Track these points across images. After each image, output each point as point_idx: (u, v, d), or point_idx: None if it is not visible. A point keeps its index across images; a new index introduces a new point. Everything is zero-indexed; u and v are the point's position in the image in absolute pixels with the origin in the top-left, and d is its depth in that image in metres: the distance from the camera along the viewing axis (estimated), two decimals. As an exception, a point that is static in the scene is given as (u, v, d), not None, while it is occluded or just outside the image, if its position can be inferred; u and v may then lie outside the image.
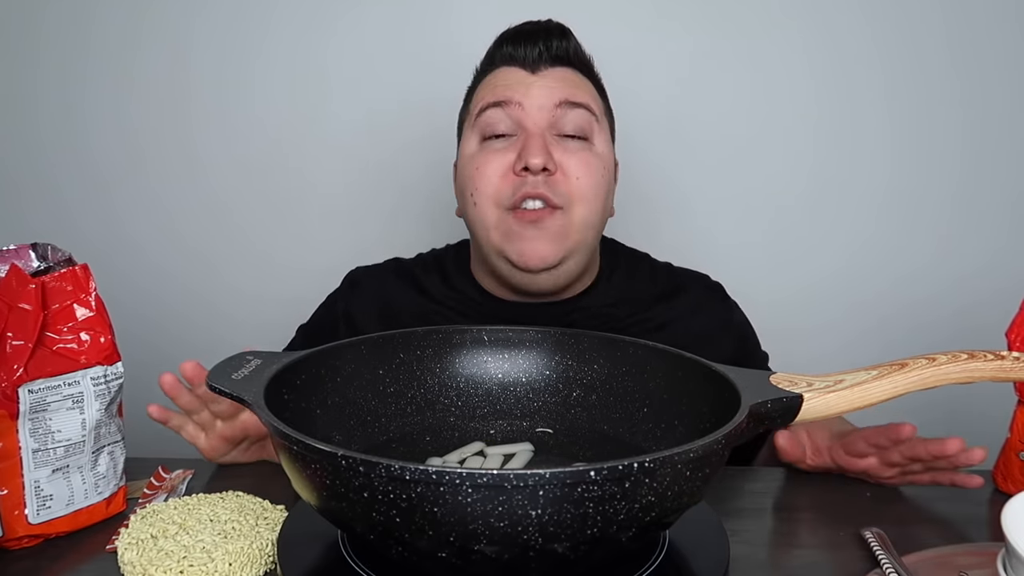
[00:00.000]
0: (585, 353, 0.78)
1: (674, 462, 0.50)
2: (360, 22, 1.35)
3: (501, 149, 0.89)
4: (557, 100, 0.88)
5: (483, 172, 0.88)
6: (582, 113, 0.89)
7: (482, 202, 0.89)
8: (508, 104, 0.88)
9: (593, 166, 0.89)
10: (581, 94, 0.90)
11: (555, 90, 0.89)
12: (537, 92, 0.88)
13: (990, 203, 1.35)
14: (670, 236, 1.36)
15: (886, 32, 1.31)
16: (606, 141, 0.92)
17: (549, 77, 0.90)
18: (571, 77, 0.91)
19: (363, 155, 1.39)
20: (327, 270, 1.10)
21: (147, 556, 0.62)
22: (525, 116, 0.88)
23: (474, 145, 0.91)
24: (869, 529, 0.69)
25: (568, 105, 0.88)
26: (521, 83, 0.89)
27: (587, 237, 0.90)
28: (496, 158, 0.88)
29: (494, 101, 0.89)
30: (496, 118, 0.89)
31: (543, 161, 0.85)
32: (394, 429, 0.76)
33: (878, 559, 0.63)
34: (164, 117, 1.40)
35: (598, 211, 0.90)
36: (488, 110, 0.89)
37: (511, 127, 0.89)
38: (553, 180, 0.87)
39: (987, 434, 0.89)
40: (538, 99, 0.88)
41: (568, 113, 0.88)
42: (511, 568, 0.52)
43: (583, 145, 0.89)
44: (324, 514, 0.57)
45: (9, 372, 0.66)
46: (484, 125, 0.90)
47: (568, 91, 0.89)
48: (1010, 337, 0.78)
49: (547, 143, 0.87)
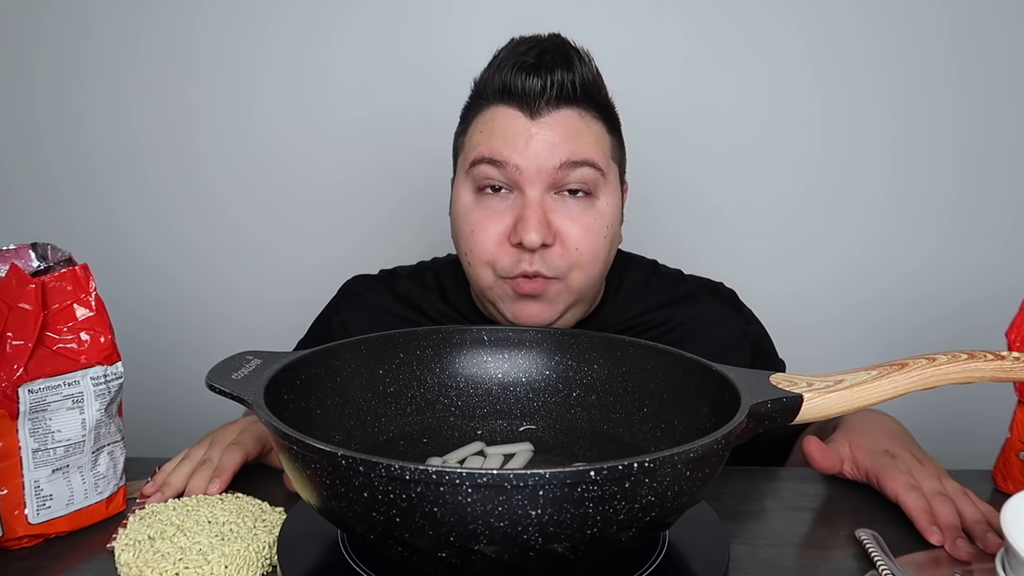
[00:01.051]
0: (585, 353, 0.78)
1: (674, 462, 0.50)
2: (358, 23, 1.35)
3: (497, 211, 0.83)
4: (558, 161, 0.81)
5: (478, 238, 0.83)
6: (585, 172, 0.82)
7: (477, 265, 0.85)
8: (504, 165, 0.81)
9: (594, 230, 0.83)
10: (585, 148, 0.82)
11: (556, 147, 0.81)
12: (537, 149, 0.80)
13: (991, 203, 1.35)
14: (671, 236, 1.36)
15: (888, 31, 1.31)
16: (612, 191, 0.86)
17: (550, 126, 0.81)
18: (575, 123, 0.82)
19: (363, 156, 1.39)
20: (326, 270, 1.10)
21: (143, 557, 0.62)
22: (523, 179, 0.81)
23: (468, 197, 0.85)
24: (864, 530, 0.68)
25: (569, 166, 0.81)
26: (519, 136, 0.81)
27: (585, 295, 0.86)
28: (492, 223, 0.83)
29: (489, 157, 0.82)
30: (489, 174, 0.82)
31: (541, 238, 0.80)
32: (394, 429, 0.76)
33: (873, 560, 0.63)
34: (164, 117, 1.40)
35: (598, 272, 0.86)
36: (482, 165, 0.82)
37: (507, 182, 0.82)
38: (550, 254, 0.82)
39: (987, 434, 0.89)
40: (537, 159, 0.80)
41: (569, 175, 0.81)
42: (511, 568, 0.52)
43: (585, 205, 0.83)
44: (324, 514, 0.57)
45: (9, 372, 0.66)
46: (478, 178, 0.83)
47: (571, 147, 0.81)
48: (1010, 337, 0.78)
49: (546, 210, 0.81)
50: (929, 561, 0.65)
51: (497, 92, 0.83)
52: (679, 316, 0.96)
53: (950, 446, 1.34)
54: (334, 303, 1.03)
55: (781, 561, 0.66)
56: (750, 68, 1.33)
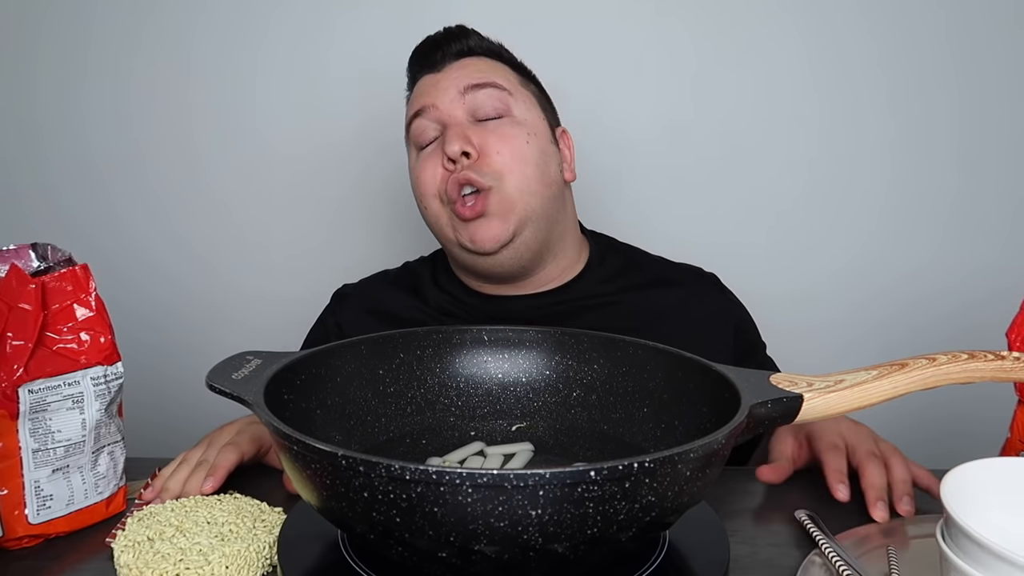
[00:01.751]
0: (585, 353, 0.78)
1: (674, 462, 0.50)
2: (359, 23, 1.35)
3: (432, 152, 0.93)
4: (462, 86, 0.92)
5: (421, 179, 0.93)
6: (491, 92, 0.92)
7: (426, 202, 0.94)
8: (425, 109, 0.93)
9: (513, 136, 0.91)
10: (486, 74, 0.93)
11: (459, 78, 0.92)
12: (444, 86, 0.92)
13: (990, 203, 1.35)
14: (670, 236, 1.36)
15: (886, 31, 1.31)
16: (528, 108, 0.94)
17: (453, 70, 0.94)
18: (474, 63, 0.95)
19: (363, 155, 1.39)
20: (327, 271, 1.10)
21: (143, 559, 0.62)
22: (441, 113, 0.92)
23: (413, 157, 0.96)
24: (802, 511, 0.71)
25: (474, 88, 0.92)
26: (431, 85, 0.94)
27: (532, 204, 0.91)
28: (428, 161, 0.93)
29: (414, 111, 0.94)
30: (422, 126, 0.93)
31: (460, 147, 0.88)
32: (394, 429, 0.75)
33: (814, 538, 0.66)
34: (164, 117, 1.40)
35: (532, 176, 0.91)
36: (414, 121, 0.94)
37: (436, 129, 0.93)
38: (477, 164, 0.89)
39: (987, 434, 0.89)
40: (446, 92, 0.92)
41: (477, 95, 0.91)
42: (511, 568, 0.52)
43: (502, 122, 0.92)
44: (324, 514, 0.57)
45: (9, 372, 0.66)
46: (415, 136, 0.94)
47: (471, 75, 0.92)
48: (1010, 337, 0.78)
49: (465, 130, 0.90)
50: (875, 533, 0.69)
51: (411, 71, 0.98)
52: (661, 294, 0.98)
53: (950, 446, 1.34)
54: (327, 308, 1.05)
55: (781, 561, 0.66)
56: (749, 68, 1.33)
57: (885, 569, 0.63)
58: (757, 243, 1.38)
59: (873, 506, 0.71)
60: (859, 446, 0.77)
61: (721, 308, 1.00)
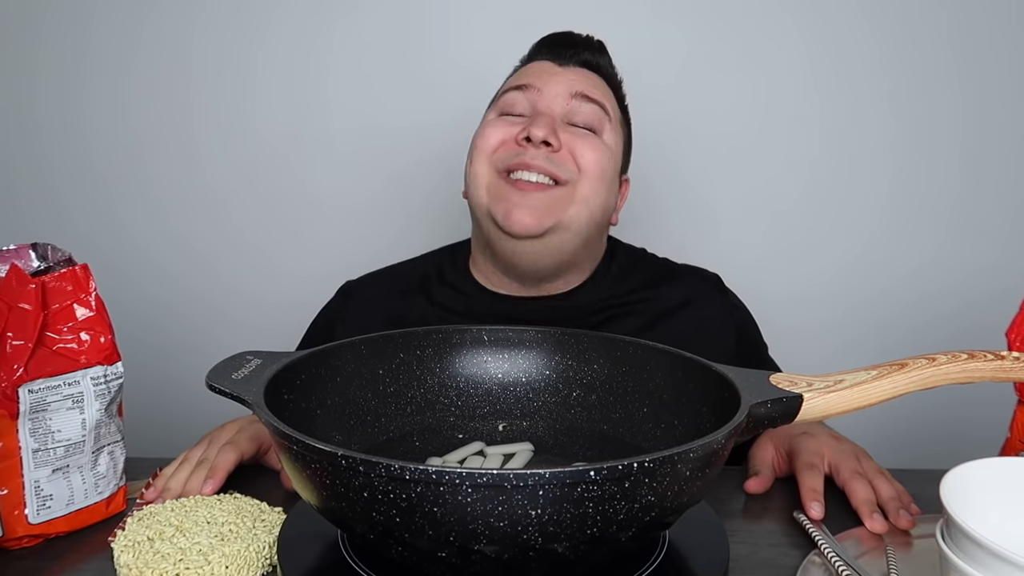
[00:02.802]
0: (585, 353, 0.78)
1: (674, 462, 0.50)
2: (359, 25, 1.35)
3: (512, 121, 0.92)
4: (574, 91, 0.92)
5: (486, 134, 0.92)
6: (595, 108, 0.92)
7: (477, 159, 0.92)
8: (528, 88, 0.92)
9: (600, 150, 0.91)
10: (599, 93, 0.93)
11: (575, 82, 0.92)
12: (557, 80, 0.92)
13: (991, 203, 1.35)
14: (670, 236, 1.36)
15: (887, 31, 1.31)
16: (616, 141, 0.94)
17: (573, 72, 0.94)
18: (594, 79, 0.95)
19: (363, 155, 1.39)
20: (327, 272, 1.10)
21: (143, 559, 0.62)
22: (540, 100, 0.91)
23: (491, 116, 0.95)
24: (802, 511, 0.72)
25: (583, 98, 0.92)
26: (545, 72, 0.94)
27: (582, 217, 0.90)
28: (503, 126, 0.92)
29: (516, 84, 0.94)
30: (515, 99, 0.93)
31: (546, 134, 0.87)
32: (394, 429, 0.75)
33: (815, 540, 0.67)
34: (164, 117, 1.40)
35: (601, 195, 0.91)
36: (509, 92, 0.94)
37: (527, 108, 0.92)
38: (559, 156, 0.89)
39: (987, 434, 0.89)
40: (556, 86, 0.92)
41: (582, 106, 0.92)
42: (511, 568, 0.52)
43: (590, 135, 0.92)
44: (324, 514, 0.57)
45: (9, 372, 0.66)
46: (503, 104, 0.94)
47: (586, 86, 0.93)
48: (1010, 337, 0.78)
49: (555, 124, 0.90)
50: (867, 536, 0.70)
51: (534, 51, 0.98)
52: (665, 294, 0.98)
53: (950, 446, 1.35)
54: (330, 304, 1.04)
55: (781, 561, 0.66)
56: (750, 69, 1.33)
57: (884, 569, 0.63)
58: (757, 243, 1.38)
59: (869, 519, 0.71)
60: (842, 465, 0.78)
61: (724, 311, 1.00)
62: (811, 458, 0.79)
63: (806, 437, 0.82)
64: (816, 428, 0.84)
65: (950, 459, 0.67)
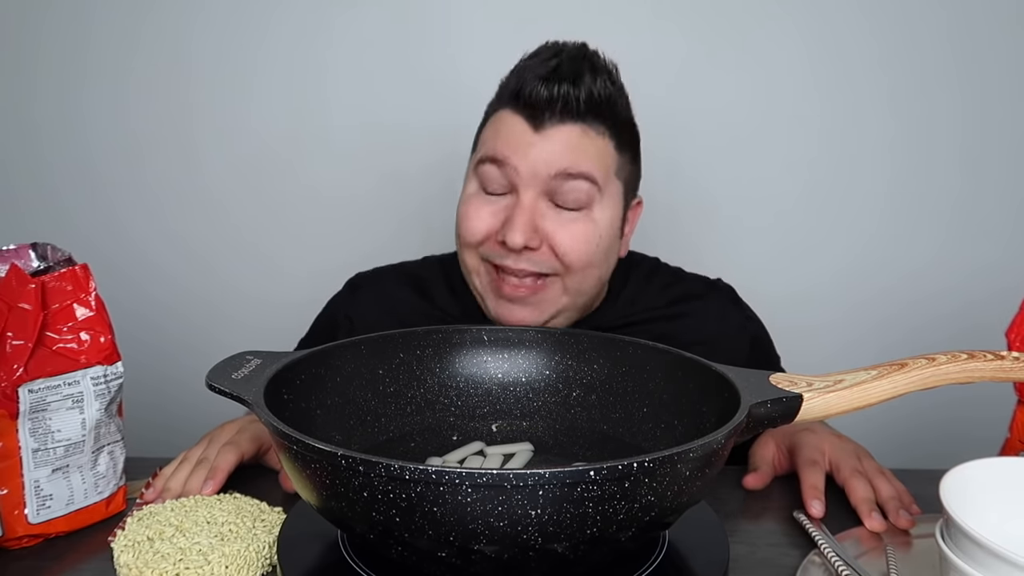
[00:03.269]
0: (585, 353, 0.78)
1: (674, 462, 0.50)
2: (358, 24, 1.35)
3: (493, 203, 0.85)
4: (554, 171, 0.82)
5: (471, 223, 0.86)
6: (580, 184, 0.83)
7: (465, 250, 0.88)
8: (504, 165, 0.84)
9: (584, 237, 0.84)
10: (583, 161, 0.83)
11: (554, 156, 0.82)
12: (535, 157, 0.82)
13: (991, 203, 1.35)
14: (670, 238, 1.36)
15: (887, 30, 1.31)
16: (611, 204, 0.86)
17: (552, 139, 0.83)
18: (576, 139, 0.83)
19: (362, 155, 1.39)
20: (326, 271, 1.10)
21: (143, 559, 0.62)
22: (519, 181, 0.83)
23: (473, 188, 0.88)
24: (801, 511, 0.72)
25: (564, 177, 0.82)
26: (521, 142, 0.83)
27: (578, 300, 0.88)
28: (486, 213, 0.85)
29: (491, 156, 0.85)
30: (492, 175, 0.85)
31: (524, 240, 0.82)
32: (394, 429, 0.76)
33: (814, 539, 0.67)
34: (164, 117, 1.40)
35: (592, 276, 0.87)
36: (485, 164, 0.85)
37: (505, 186, 0.85)
38: (538, 255, 0.84)
39: (987, 434, 0.89)
40: (534, 165, 0.82)
41: (564, 184, 0.83)
42: (511, 568, 0.52)
43: (577, 216, 0.84)
44: (324, 514, 0.57)
45: (9, 372, 0.66)
46: (482, 177, 0.86)
47: (568, 159, 0.82)
48: (1010, 337, 0.78)
49: (535, 216, 0.83)
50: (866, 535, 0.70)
51: (510, 98, 0.86)
52: (679, 311, 0.97)
53: (950, 446, 1.34)
54: (338, 298, 1.03)
55: (781, 561, 0.66)
56: (749, 68, 1.33)
57: (884, 569, 0.63)
58: (757, 243, 1.38)
59: (868, 517, 0.71)
60: (843, 463, 0.78)
61: (738, 324, 0.99)
62: (812, 454, 0.79)
63: (807, 433, 0.82)
64: (817, 426, 0.84)
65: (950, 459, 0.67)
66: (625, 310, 0.96)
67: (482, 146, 0.88)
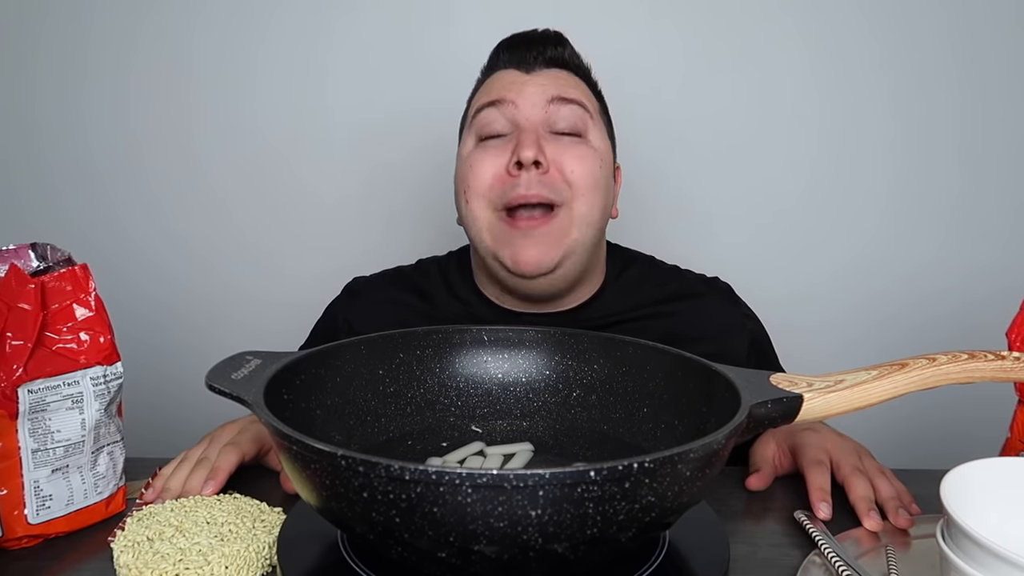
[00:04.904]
0: (585, 353, 0.78)
1: (674, 462, 0.50)
2: (359, 24, 1.35)
3: (496, 148, 0.89)
4: (550, 96, 0.89)
5: (477, 171, 0.88)
6: (575, 109, 0.89)
7: (474, 201, 0.89)
8: (503, 103, 0.89)
9: (588, 159, 0.88)
10: (574, 91, 0.91)
11: (548, 87, 0.90)
12: (531, 90, 0.89)
13: (991, 204, 1.35)
14: (670, 237, 1.36)
15: (887, 31, 1.31)
16: (602, 137, 0.92)
17: (543, 76, 0.91)
18: (565, 77, 0.92)
19: (364, 158, 1.39)
20: (326, 271, 1.10)
21: (143, 559, 0.62)
22: (519, 113, 0.88)
23: (471, 145, 0.91)
24: (801, 512, 0.72)
25: (560, 101, 0.89)
26: (515, 82, 0.90)
27: (586, 236, 0.89)
28: (490, 157, 0.88)
29: (489, 101, 0.90)
30: (491, 117, 0.90)
31: (534, 154, 0.85)
32: (394, 429, 0.75)
33: (815, 539, 0.67)
34: (164, 117, 1.40)
35: (597, 205, 0.89)
36: (484, 110, 0.90)
37: (506, 126, 0.89)
38: (548, 177, 0.86)
39: (987, 434, 0.89)
40: (531, 96, 0.89)
41: (561, 109, 0.89)
42: (511, 568, 0.52)
43: (577, 141, 0.89)
44: (324, 514, 0.57)
45: (8, 372, 0.66)
46: (480, 125, 0.90)
47: (560, 88, 0.90)
48: (1010, 337, 0.78)
49: (540, 138, 0.87)
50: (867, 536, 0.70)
51: (497, 58, 0.94)
52: (677, 309, 0.97)
53: (950, 446, 1.35)
54: (337, 302, 1.03)
55: (781, 561, 0.66)
56: (749, 69, 1.33)
57: (884, 569, 0.63)
58: (757, 243, 1.38)
59: (866, 516, 0.71)
60: (843, 461, 0.78)
61: (737, 322, 0.99)
62: (817, 455, 0.79)
63: (810, 433, 0.82)
64: (819, 425, 0.84)
65: (950, 459, 0.67)
66: (621, 304, 0.96)
67: (475, 102, 0.93)
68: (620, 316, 0.95)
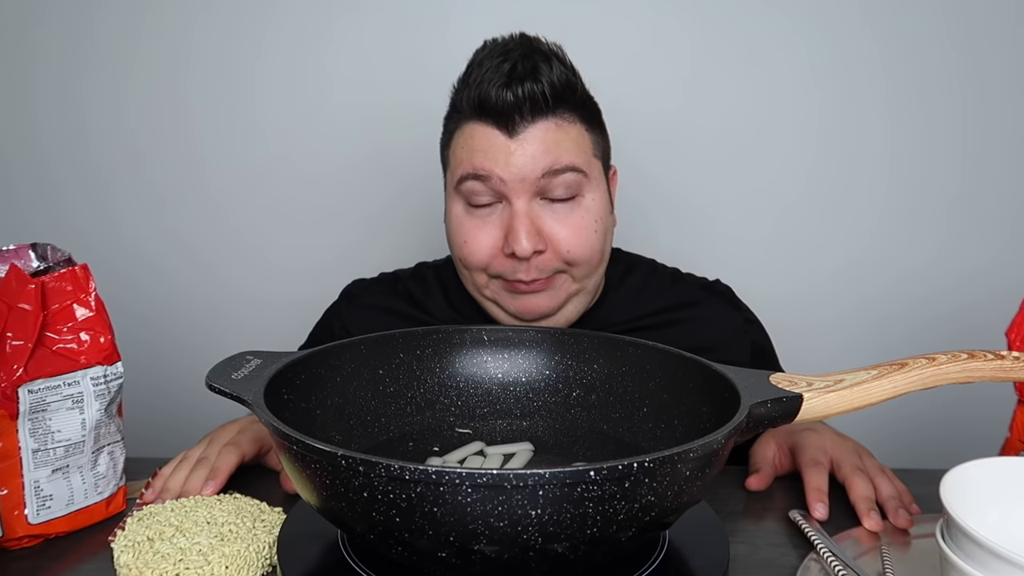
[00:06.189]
0: (585, 353, 0.78)
1: (674, 462, 0.50)
2: (358, 25, 1.35)
3: (488, 220, 0.85)
4: (540, 171, 0.82)
5: (471, 248, 0.85)
6: (567, 177, 0.83)
7: (473, 271, 0.87)
8: (489, 178, 0.82)
9: (584, 228, 0.85)
10: (566, 154, 0.83)
11: (537, 159, 0.82)
12: (518, 163, 0.82)
13: (990, 203, 1.35)
14: (670, 237, 1.36)
15: (887, 31, 1.31)
16: (597, 187, 0.87)
17: (528, 141, 0.82)
18: (552, 134, 0.82)
19: (363, 156, 1.39)
20: (327, 271, 1.10)
21: (143, 559, 0.62)
22: (507, 190, 0.82)
23: (460, 210, 0.87)
24: (796, 511, 0.72)
25: (551, 174, 0.82)
26: (500, 152, 0.82)
27: (588, 283, 0.89)
28: (483, 233, 0.85)
29: (473, 173, 0.83)
30: (478, 189, 0.84)
31: (531, 246, 0.82)
32: (394, 429, 0.76)
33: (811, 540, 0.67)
34: (164, 117, 1.40)
35: (595, 262, 0.88)
36: (468, 182, 0.84)
37: (494, 196, 0.84)
38: (543, 259, 0.84)
39: (987, 434, 0.89)
40: (520, 172, 0.82)
41: (552, 181, 0.82)
42: (511, 568, 0.52)
43: (572, 206, 0.85)
44: (324, 514, 0.57)
45: (9, 372, 0.66)
46: (467, 194, 0.85)
47: (551, 156, 0.82)
48: (1010, 337, 0.78)
49: (534, 218, 0.83)
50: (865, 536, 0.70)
51: (473, 109, 0.84)
52: (679, 314, 0.97)
53: (950, 446, 1.35)
54: (334, 307, 1.03)
55: (780, 561, 0.66)
56: (749, 69, 1.33)
57: (881, 569, 0.63)
58: (757, 243, 1.38)
59: (866, 516, 0.71)
60: (844, 461, 0.78)
61: (739, 327, 0.99)
62: (816, 455, 0.79)
63: (809, 433, 0.82)
64: (818, 425, 0.84)
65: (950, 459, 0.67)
66: (623, 313, 0.96)
67: (457, 165, 0.86)
68: (619, 328, 0.94)
